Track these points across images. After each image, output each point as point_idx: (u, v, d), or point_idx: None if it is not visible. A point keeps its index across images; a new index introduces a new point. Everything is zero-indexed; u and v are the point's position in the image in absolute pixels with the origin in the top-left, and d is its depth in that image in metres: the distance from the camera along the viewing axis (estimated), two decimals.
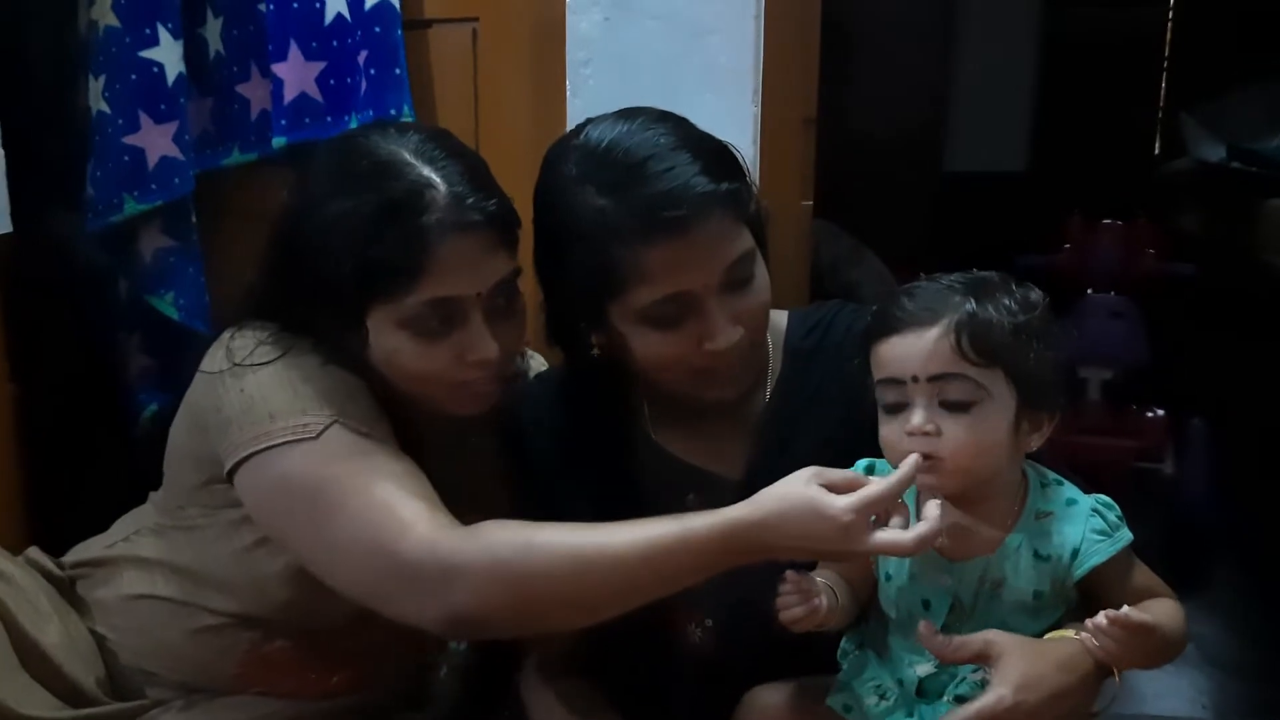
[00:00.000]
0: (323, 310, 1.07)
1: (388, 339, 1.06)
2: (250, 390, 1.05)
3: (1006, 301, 0.95)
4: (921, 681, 0.98)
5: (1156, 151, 4.67)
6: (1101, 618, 0.89)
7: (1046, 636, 0.96)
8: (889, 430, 0.96)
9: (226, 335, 1.12)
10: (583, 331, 1.09)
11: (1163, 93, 4.68)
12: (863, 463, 1.01)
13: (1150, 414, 2.78)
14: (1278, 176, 3.99)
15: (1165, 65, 4.67)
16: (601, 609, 0.98)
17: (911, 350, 0.94)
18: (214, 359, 1.10)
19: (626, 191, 0.98)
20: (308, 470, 1.02)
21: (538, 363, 1.30)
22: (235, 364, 1.07)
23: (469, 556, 0.95)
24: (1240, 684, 2.23)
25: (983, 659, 0.93)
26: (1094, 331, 2.70)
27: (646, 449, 1.14)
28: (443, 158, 1.06)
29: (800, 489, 0.91)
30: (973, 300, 0.94)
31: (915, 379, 0.94)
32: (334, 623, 1.12)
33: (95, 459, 1.75)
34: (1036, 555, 0.96)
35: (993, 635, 0.94)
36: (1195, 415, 2.79)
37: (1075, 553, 0.95)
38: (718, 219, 0.99)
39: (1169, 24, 4.65)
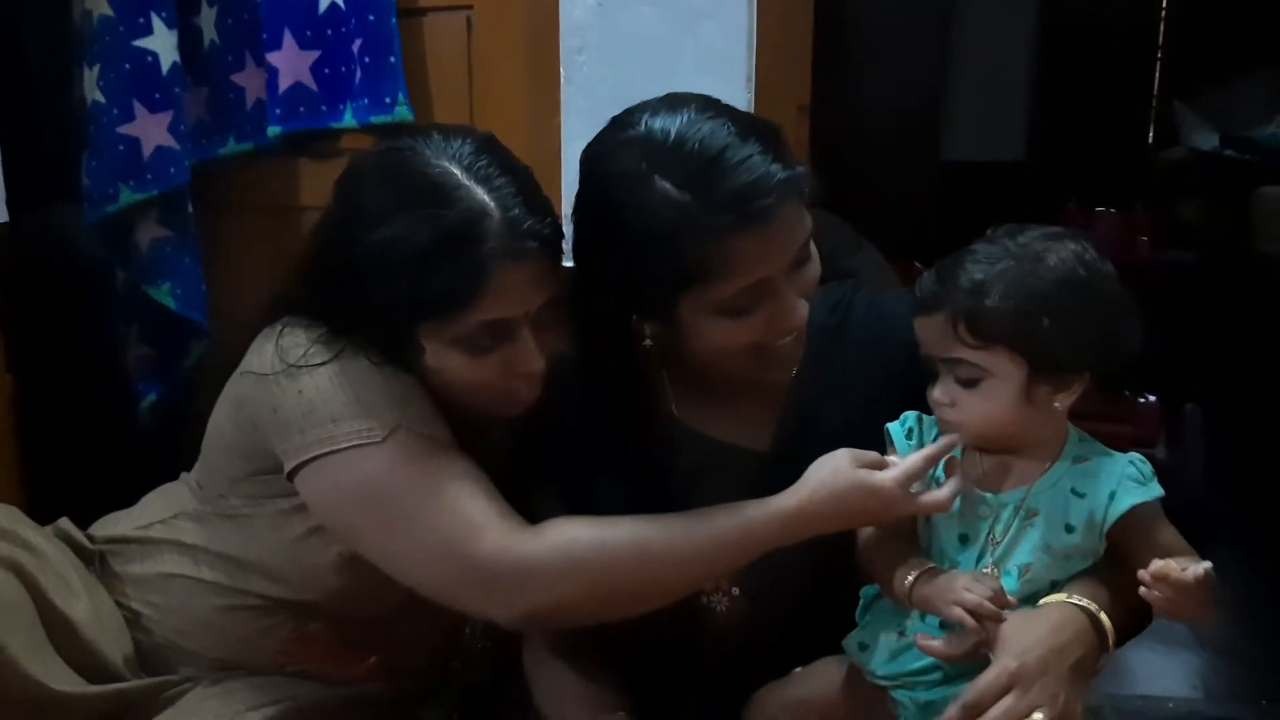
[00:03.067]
0: (374, 324, 1.07)
1: (437, 353, 1.07)
2: (309, 393, 1.06)
3: (1017, 277, 0.97)
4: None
5: (1150, 140, 4.68)
6: (1152, 570, 0.91)
7: (1040, 603, 0.99)
8: (930, 392, 1.03)
9: (274, 332, 1.11)
10: (634, 325, 1.09)
11: (1157, 82, 4.69)
12: (910, 415, 1.08)
13: (1144, 400, 2.79)
14: (1271, 164, 4.00)
15: (1159, 54, 4.68)
16: (667, 598, 1.04)
17: (924, 334, 1.02)
18: (263, 357, 1.10)
19: (707, 184, 0.97)
20: (376, 476, 1.03)
21: None
22: (290, 364, 1.07)
23: (543, 558, 1.00)
24: (1232, 666, 2.24)
25: (983, 644, 0.96)
26: None
27: (671, 427, 1.15)
28: (496, 176, 1.05)
29: (847, 472, 0.99)
30: (977, 279, 0.98)
31: (933, 358, 1.02)
32: (381, 609, 1.14)
33: (94, 449, 1.76)
34: (1074, 492, 1.00)
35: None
36: (1189, 402, 2.80)
37: (1112, 495, 0.99)
38: (793, 203, 1.00)
39: (1163, 13, 4.65)
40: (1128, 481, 0.99)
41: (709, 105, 1.03)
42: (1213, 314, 3.53)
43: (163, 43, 1.63)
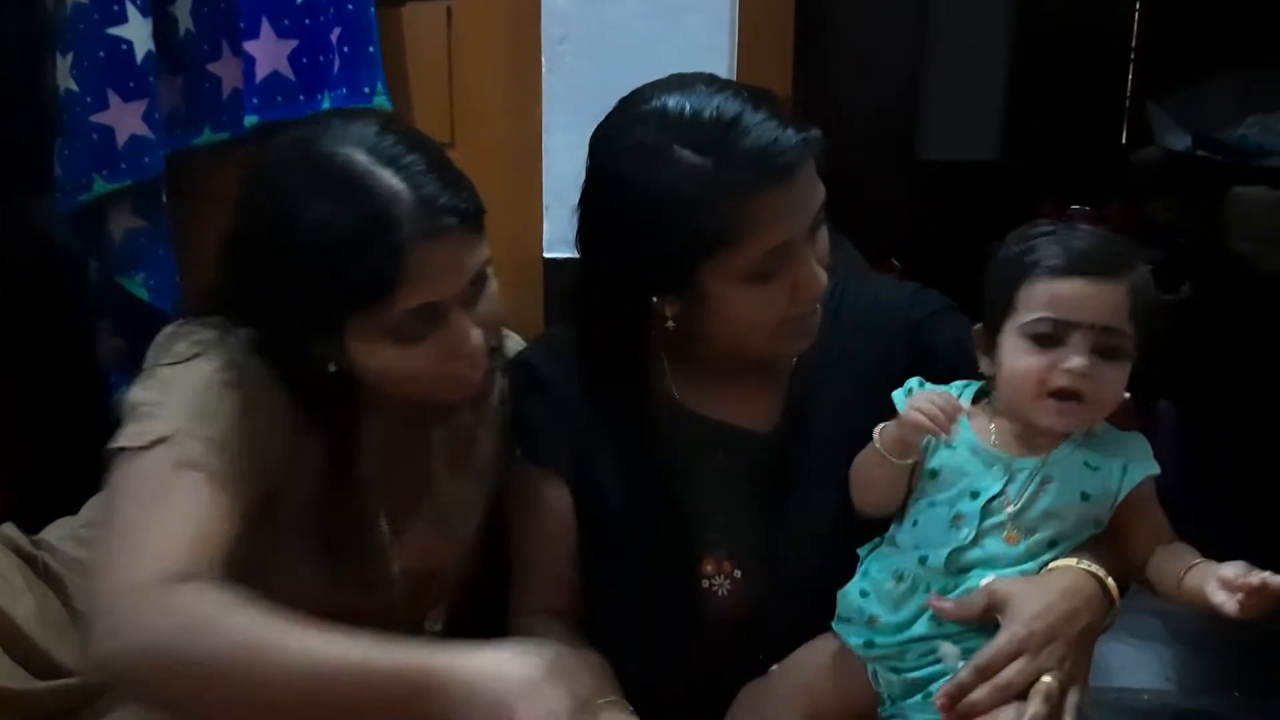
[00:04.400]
0: (295, 320, 1.03)
1: (368, 347, 1.03)
2: (142, 390, 1.04)
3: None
4: (950, 557, 1.02)
5: (1124, 140, 4.72)
6: (1246, 581, 0.93)
7: (1048, 568, 1.01)
8: (1035, 361, 1.01)
9: (167, 329, 1.10)
10: (653, 307, 1.08)
11: (1130, 83, 4.73)
12: (914, 381, 1.07)
13: None
14: (1242, 164, 4.05)
15: (1133, 56, 4.72)
16: (269, 713, 0.88)
17: (1094, 298, 0.99)
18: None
19: (728, 148, 0.99)
20: (119, 482, 0.99)
21: (514, 342, 1.29)
22: (151, 363, 1.06)
23: (141, 617, 0.89)
24: (1204, 658, 2.27)
25: (991, 610, 0.98)
26: None
27: (670, 409, 1.15)
28: (403, 155, 1.01)
29: (526, 660, 0.86)
30: (1139, 265, 1.02)
31: (1090, 326, 0.99)
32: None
33: (66, 441, 1.74)
34: (1087, 465, 1.02)
35: (994, 584, 0.99)
36: (1162, 398, 2.83)
37: (1125, 467, 1.01)
38: (809, 164, 1.02)
39: (1136, 15, 4.70)
40: (1137, 455, 1.03)
41: (716, 80, 1.05)
42: (1186, 311, 3.57)
43: (137, 31, 1.61)
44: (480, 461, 1.22)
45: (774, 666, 1.12)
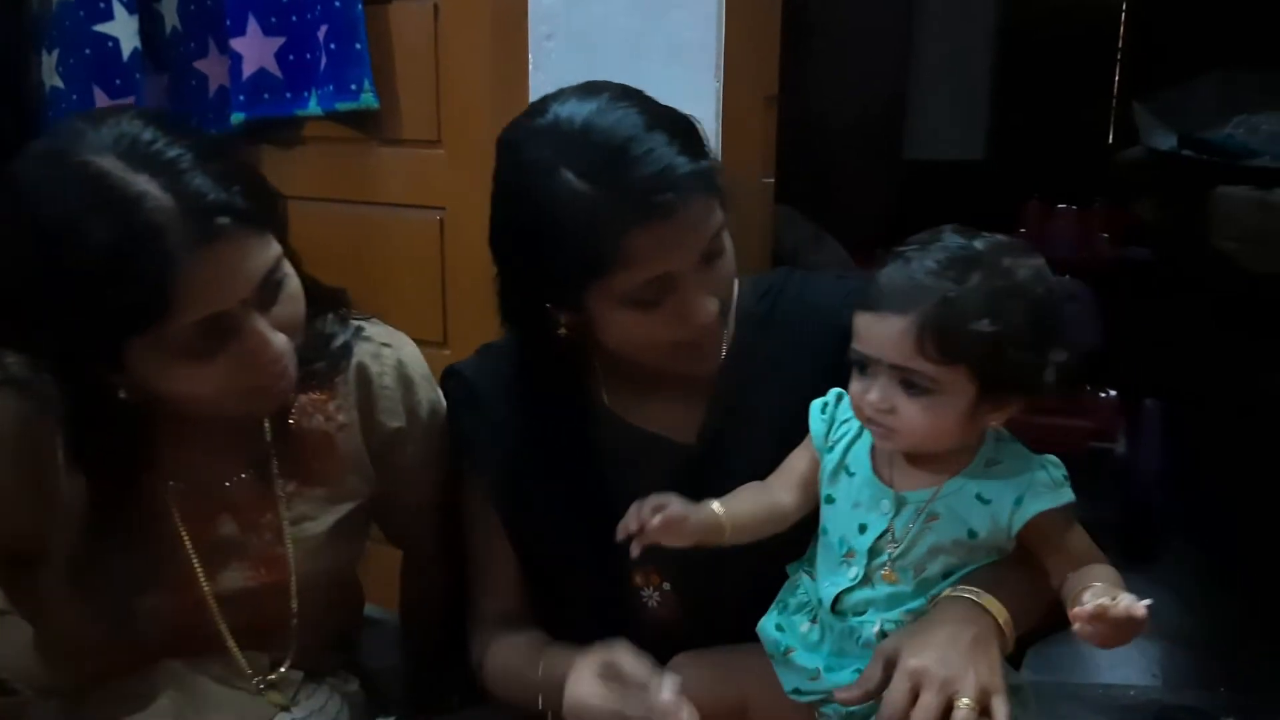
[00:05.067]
0: (70, 346, 0.93)
1: (154, 367, 0.93)
2: None
3: (992, 294, 0.92)
4: (838, 599, 1.00)
5: (1110, 140, 4.74)
6: (1088, 612, 0.87)
7: (934, 602, 0.98)
8: (855, 387, 0.99)
9: None
10: (549, 313, 1.08)
11: (1116, 83, 4.75)
12: (833, 393, 1.05)
13: (1104, 395, 2.83)
14: (1228, 164, 4.07)
15: (1119, 56, 4.74)
16: None
17: (878, 334, 0.95)
18: None
19: (610, 176, 0.96)
20: None
21: (377, 346, 1.19)
22: None
23: None
24: (1189, 654, 2.28)
25: (889, 666, 0.94)
26: None
27: (602, 417, 1.14)
28: (162, 154, 0.89)
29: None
30: (951, 292, 0.92)
31: (877, 360, 0.96)
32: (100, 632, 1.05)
33: None
34: (979, 498, 0.97)
35: (882, 645, 0.96)
36: (1147, 396, 2.85)
37: (1019, 501, 0.96)
38: (697, 199, 0.98)
39: (1123, 16, 4.72)
40: (1037, 487, 0.96)
41: (624, 95, 1.02)
42: (1171, 309, 3.59)
43: (124, 28, 1.61)
44: (333, 466, 1.14)
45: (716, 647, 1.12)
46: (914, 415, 0.95)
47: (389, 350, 1.18)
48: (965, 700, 0.89)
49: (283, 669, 1.13)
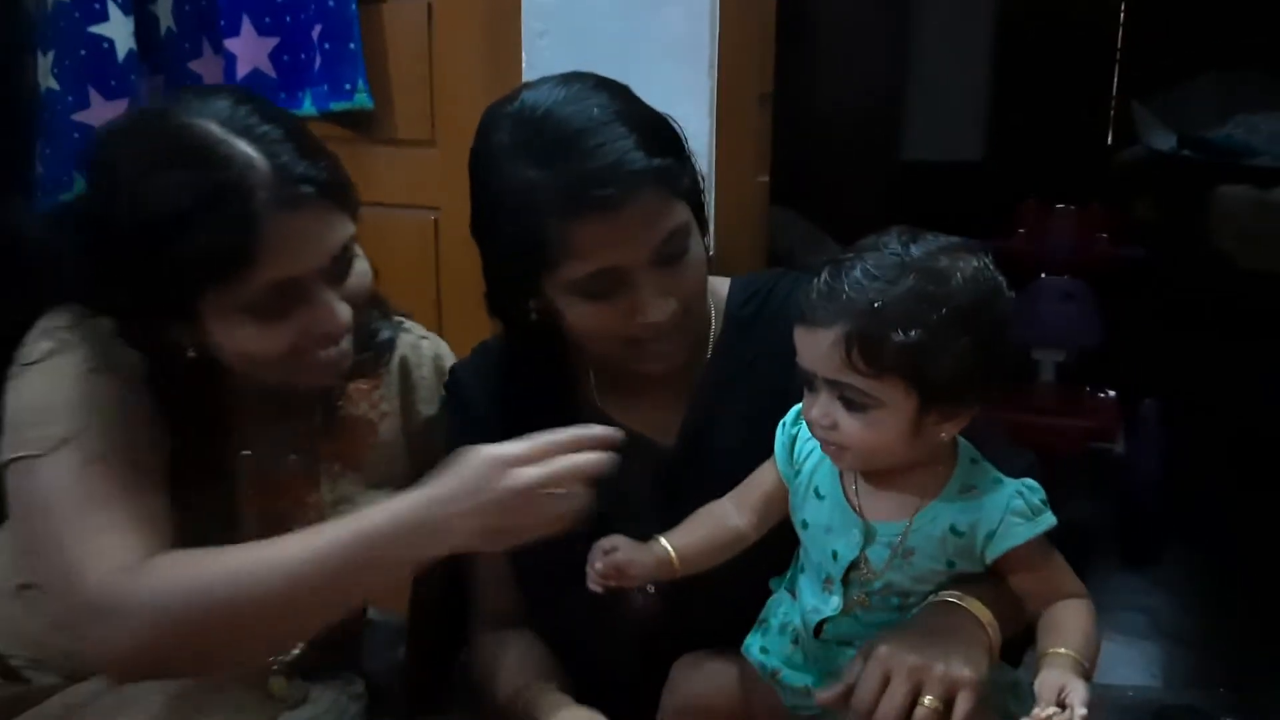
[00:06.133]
0: (149, 300, 1.00)
1: (226, 324, 1.00)
2: (18, 393, 1.02)
3: (920, 301, 0.88)
4: (822, 625, 0.98)
5: (1109, 140, 4.74)
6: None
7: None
8: (804, 403, 0.97)
9: (39, 324, 1.07)
10: (520, 298, 1.08)
11: (1115, 83, 4.75)
12: (798, 407, 1.01)
13: (1102, 395, 2.82)
14: (1226, 164, 4.08)
15: (1118, 56, 4.75)
16: (283, 626, 0.95)
17: (810, 349, 0.92)
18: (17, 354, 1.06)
19: (557, 166, 0.97)
20: (33, 491, 0.99)
21: (416, 338, 1.26)
22: (19, 363, 1.04)
23: (131, 599, 0.91)
24: (1188, 653, 2.28)
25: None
26: (1047, 314, 2.74)
27: (589, 416, 1.13)
28: (258, 126, 0.98)
29: (475, 454, 0.91)
30: (878, 301, 0.88)
31: (814, 374, 0.94)
32: None
33: None
34: (953, 530, 0.94)
35: (865, 644, 0.94)
36: (1146, 396, 2.84)
37: (990, 535, 0.93)
38: (648, 196, 0.97)
39: (1121, 15, 4.72)
40: (1011, 518, 0.92)
41: (599, 86, 1.02)
42: (1170, 309, 3.59)
43: (119, 29, 1.60)
44: (375, 451, 1.19)
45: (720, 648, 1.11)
46: (855, 431, 0.92)
47: (427, 343, 1.26)
48: (929, 698, 0.87)
49: (295, 651, 1.13)
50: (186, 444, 1.06)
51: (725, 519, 1.04)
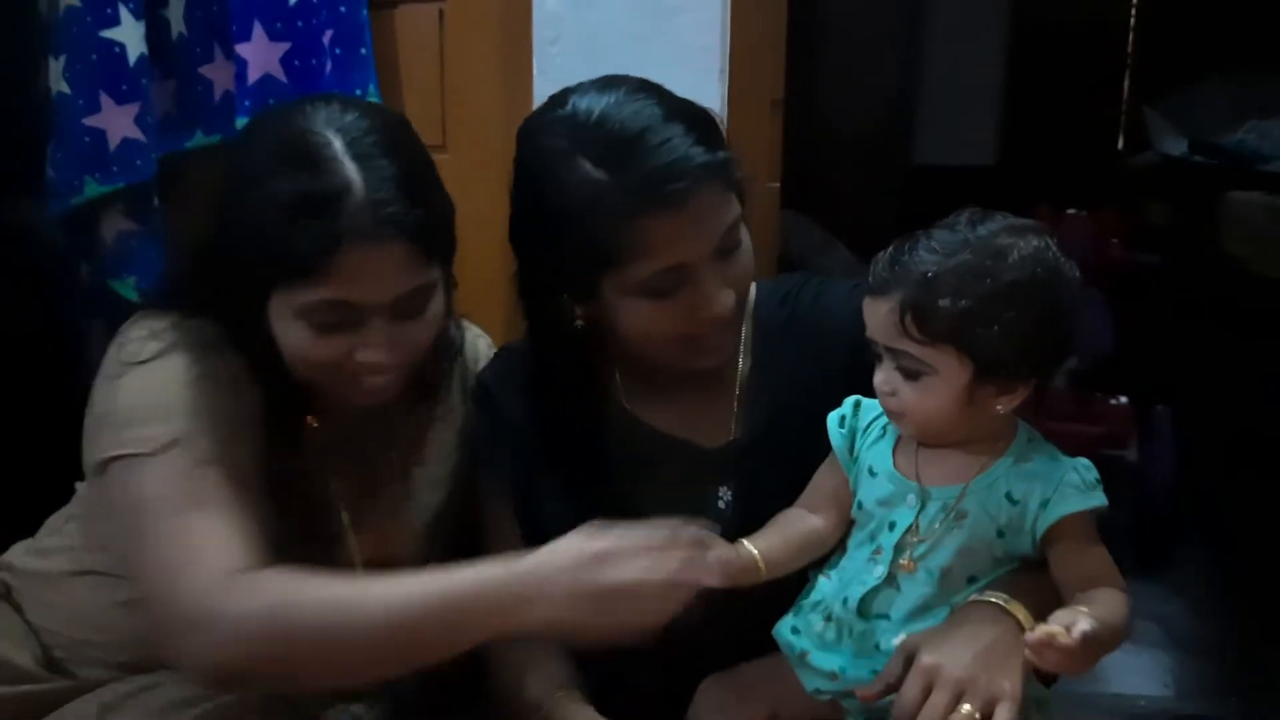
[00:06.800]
0: (225, 290, 1.04)
1: (284, 324, 1.03)
2: (121, 392, 1.03)
3: (972, 273, 0.93)
4: (863, 600, 0.99)
5: (1120, 145, 4.72)
6: (1034, 639, 0.86)
7: (956, 608, 0.97)
8: (874, 375, 1.00)
9: (126, 325, 1.09)
10: (565, 304, 1.08)
11: (1126, 88, 4.74)
12: (849, 401, 1.06)
13: (1115, 401, 2.81)
14: (1239, 170, 4.06)
15: (1129, 61, 4.73)
16: (378, 664, 0.95)
17: (872, 318, 0.98)
18: (106, 357, 1.08)
19: (625, 164, 0.98)
20: (137, 492, 1.00)
21: (474, 335, 1.30)
22: (122, 362, 1.05)
23: (222, 614, 0.92)
24: (1202, 663, 2.26)
25: (910, 663, 0.94)
26: None
27: (621, 420, 1.14)
28: (377, 154, 1.01)
29: (573, 538, 0.92)
30: (932, 271, 0.93)
31: (878, 344, 0.98)
32: None
33: (56, 446, 1.73)
34: (1008, 497, 0.97)
35: (905, 640, 0.96)
36: (1159, 403, 2.83)
37: (1045, 503, 0.95)
38: (714, 189, 1.00)
39: (1132, 20, 4.70)
40: (1066, 488, 0.95)
41: (642, 88, 1.03)
42: (1182, 315, 3.57)
43: (130, 34, 1.61)
44: (437, 453, 1.22)
45: (742, 665, 1.11)
46: (912, 398, 0.96)
47: (483, 342, 1.30)
48: (967, 707, 0.89)
49: None
50: (283, 444, 1.08)
51: (802, 520, 1.06)
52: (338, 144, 1.00)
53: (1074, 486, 0.95)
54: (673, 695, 1.11)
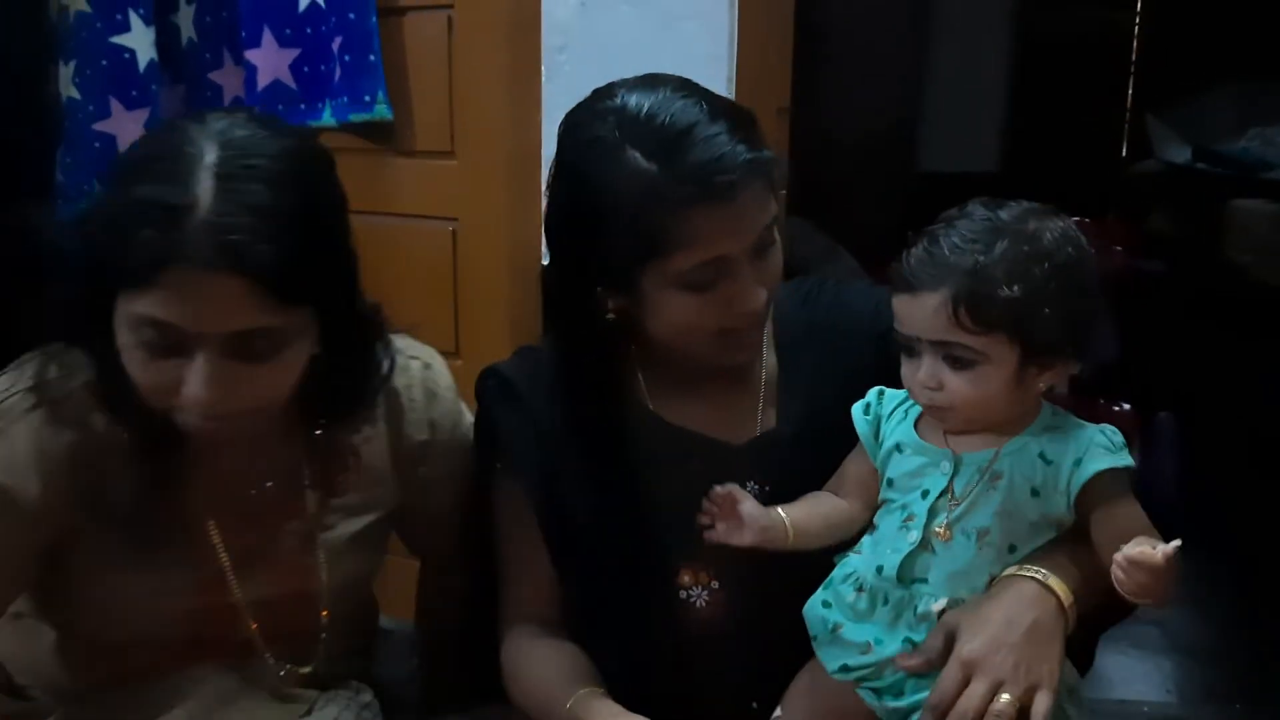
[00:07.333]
0: (76, 307, 0.99)
1: (121, 334, 0.95)
2: None
3: (1019, 259, 0.96)
4: (902, 565, 1.01)
5: (1124, 153, 4.72)
6: (1128, 555, 0.88)
7: (996, 580, 0.99)
8: (905, 369, 1.02)
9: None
10: (599, 297, 1.09)
11: (1130, 96, 4.74)
12: (872, 392, 1.08)
13: (1118, 408, 2.81)
14: (1242, 177, 4.06)
15: (1133, 69, 4.73)
16: None
17: (915, 314, 0.98)
18: None
19: (674, 157, 1.00)
20: None
21: (407, 358, 1.19)
22: None
23: None
24: (1204, 669, 2.27)
25: (950, 640, 0.96)
26: None
27: (643, 418, 1.15)
28: (250, 179, 0.92)
29: None
30: (979, 262, 0.95)
31: (918, 338, 0.99)
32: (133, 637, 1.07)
33: None
34: (1042, 456, 0.99)
35: (946, 617, 0.97)
36: (1162, 409, 2.83)
37: (1078, 461, 0.97)
38: (755, 186, 1.02)
39: (1136, 29, 4.71)
40: (1096, 448, 0.97)
41: (686, 85, 1.06)
42: (1186, 322, 3.57)
43: (140, 40, 1.62)
44: (365, 479, 1.15)
45: (776, 712, 1.10)
46: (961, 388, 0.98)
47: (415, 363, 1.20)
48: (1006, 697, 0.91)
49: (305, 670, 1.14)
50: (143, 479, 1.03)
51: (831, 498, 1.08)
52: (209, 158, 0.92)
53: (1103, 447, 0.98)
54: (693, 708, 1.11)
